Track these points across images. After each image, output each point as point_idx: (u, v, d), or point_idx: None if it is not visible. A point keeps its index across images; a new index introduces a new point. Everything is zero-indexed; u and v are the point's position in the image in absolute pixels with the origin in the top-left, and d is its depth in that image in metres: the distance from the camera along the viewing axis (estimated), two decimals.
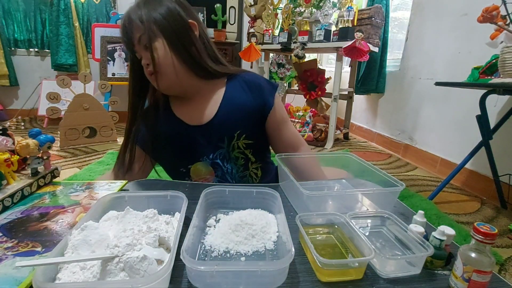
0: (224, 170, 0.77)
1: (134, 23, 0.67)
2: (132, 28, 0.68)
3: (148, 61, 0.68)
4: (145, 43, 0.67)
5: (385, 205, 0.61)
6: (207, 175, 0.76)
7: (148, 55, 0.67)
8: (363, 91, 2.86)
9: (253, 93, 0.76)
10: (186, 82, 0.73)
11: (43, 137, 0.66)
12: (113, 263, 0.37)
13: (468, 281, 0.39)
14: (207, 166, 0.76)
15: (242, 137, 0.75)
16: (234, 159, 0.77)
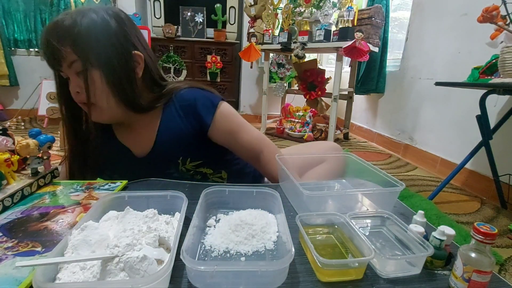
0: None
1: (65, 43, 0.58)
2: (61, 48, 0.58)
3: (79, 89, 0.61)
4: (78, 71, 0.60)
5: (385, 205, 0.61)
6: None
7: (79, 82, 0.60)
8: (363, 91, 2.86)
9: (187, 117, 0.72)
10: (121, 115, 0.68)
11: (43, 137, 0.66)
12: (113, 263, 0.37)
13: (468, 281, 0.39)
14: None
15: (187, 161, 0.73)
16: (189, 178, 0.74)
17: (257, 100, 3.69)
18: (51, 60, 0.60)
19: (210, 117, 0.71)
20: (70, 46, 0.58)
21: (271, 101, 3.59)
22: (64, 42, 0.58)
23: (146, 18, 3.48)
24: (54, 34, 0.58)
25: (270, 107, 3.59)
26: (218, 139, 0.75)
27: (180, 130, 0.71)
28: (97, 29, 0.59)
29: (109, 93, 0.63)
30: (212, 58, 3.29)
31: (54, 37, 0.57)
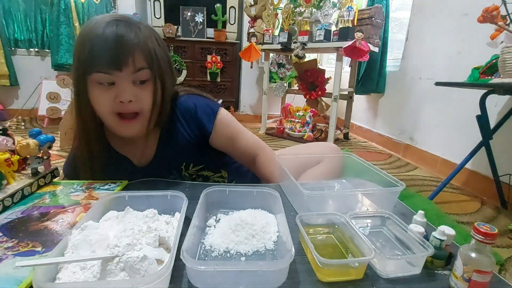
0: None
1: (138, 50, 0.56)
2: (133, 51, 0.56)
3: (133, 97, 0.58)
4: (142, 79, 0.58)
5: (385, 205, 0.61)
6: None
7: (134, 90, 0.58)
8: (363, 91, 2.86)
9: (189, 124, 0.72)
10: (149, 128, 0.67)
11: (43, 137, 0.66)
12: (113, 263, 0.37)
13: (469, 281, 0.39)
14: None
15: (190, 166, 0.73)
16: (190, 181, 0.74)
17: (257, 100, 3.69)
18: (114, 59, 0.55)
19: (211, 125, 0.72)
20: (142, 53, 0.57)
21: (271, 101, 3.58)
22: (137, 48, 0.56)
23: (146, 18, 3.48)
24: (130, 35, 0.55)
25: (270, 107, 3.59)
26: (218, 144, 0.75)
27: (182, 137, 0.71)
28: (163, 44, 0.62)
29: (157, 106, 0.62)
30: (212, 58, 3.29)
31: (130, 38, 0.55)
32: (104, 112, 0.60)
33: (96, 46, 0.54)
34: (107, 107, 0.59)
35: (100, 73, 0.56)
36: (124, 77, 0.57)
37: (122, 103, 0.58)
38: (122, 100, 0.57)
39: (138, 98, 0.59)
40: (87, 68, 0.56)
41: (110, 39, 0.54)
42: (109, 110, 0.59)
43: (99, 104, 0.59)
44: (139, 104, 0.60)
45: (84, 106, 0.60)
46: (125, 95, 0.57)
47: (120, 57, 0.55)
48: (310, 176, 0.83)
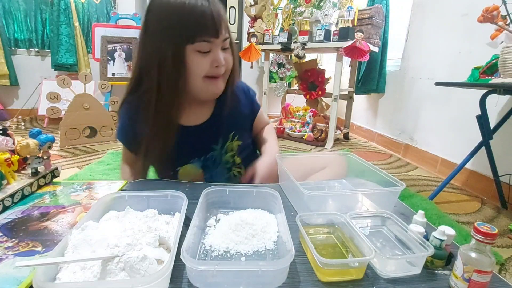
0: (213, 173, 0.76)
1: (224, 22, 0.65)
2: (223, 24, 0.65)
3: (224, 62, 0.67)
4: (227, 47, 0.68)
5: (386, 205, 0.61)
6: (197, 177, 0.75)
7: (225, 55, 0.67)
8: (363, 91, 2.86)
9: (242, 98, 0.81)
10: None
11: (43, 137, 0.66)
12: (113, 263, 0.37)
13: (469, 281, 0.39)
14: (197, 168, 0.75)
15: (235, 138, 0.77)
16: (224, 162, 0.77)
17: (258, 100, 3.69)
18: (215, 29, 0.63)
19: (257, 103, 0.86)
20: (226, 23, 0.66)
21: (271, 101, 3.58)
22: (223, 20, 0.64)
23: None
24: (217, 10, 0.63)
25: (270, 107, 3.58)
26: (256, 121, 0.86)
27: (236, 105, 0.78)
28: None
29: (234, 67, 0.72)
30: None
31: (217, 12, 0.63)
32: (198, 76, 0.66)
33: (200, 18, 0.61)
34: (204, 71, 0.65)
35: (204, 42, 0.63)
36: (218, 45, 0.65)
37: (217, 67, 0.66)
38: (218, 65, 0.65)
39: (226, 61, 0.68)
40: (192, 38, 0.62)
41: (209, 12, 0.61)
42: (204, 74, 0.66)
43: (197, 69, 0.65)
44: (227, 66, 0.69)
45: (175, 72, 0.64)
46: (220, 59, 0.65)
47: (218, 27, 0.63)
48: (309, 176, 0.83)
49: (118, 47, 2.91)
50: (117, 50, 2.91)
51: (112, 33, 2.89)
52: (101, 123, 2.36)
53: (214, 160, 0.75)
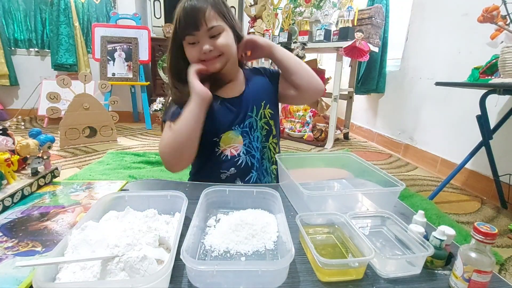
0: (251, 138, 0.85)
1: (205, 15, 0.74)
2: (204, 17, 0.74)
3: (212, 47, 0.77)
4: (217, 33, 0.77)
5: (385, 205, 0.61)
6: (236, 143, 0.84)
7: (214, 42, 0.77)
8: (363, 91, 2.86)
9: (263, 74, 0.95)
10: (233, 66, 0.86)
11: (43, 137, 0.66)
12: (113, 263, 0.37)
13: (468, 281, 0.39)
14: (237, 134, 0.84)
15: (267, 106, 0.88)
16: (260, 128, 0.87)
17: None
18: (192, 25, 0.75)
19: (275, 69, 0.95)
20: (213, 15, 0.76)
21: None
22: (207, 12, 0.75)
23: (146, 18, 3.48)
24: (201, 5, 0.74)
25: None
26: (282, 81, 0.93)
27: (260, 79, 0.92)
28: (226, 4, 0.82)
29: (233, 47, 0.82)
30: None
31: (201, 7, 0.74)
32: (194, 61, 0.79)
33: (182, 17, 0.75)
34: (195, 58, 0.78)
35: (189, 36, 0.76)
36: (203, 35, 0.76)
37: (206, 53, 0.77)
38: (204, 51, 0.76)
39: (216, 46, 0.77)
40: (182, 34, 0.77)
41: (189, 9, 0.74)
42: (196, 60, 0.79)
43: (191, 57, 0.79)
44: (218, 49, 0.78)
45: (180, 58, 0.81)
46: (205, 47, 0.76)
47: (196, 21, 0.74)
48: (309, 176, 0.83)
49: (118, 47, 2.90)
50: (117, 50, 2.90)
51: (112, 33, 2.89)
52: (101, 123, 2.36)
53: (251, 126, 0.86)
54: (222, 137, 0.82)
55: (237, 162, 0.83)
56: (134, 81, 2.92)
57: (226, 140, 0.82)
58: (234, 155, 0.83)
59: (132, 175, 1.56)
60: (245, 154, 0.84)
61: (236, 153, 0.83)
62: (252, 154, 0.85)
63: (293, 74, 0.88)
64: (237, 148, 0.83)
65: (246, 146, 0.84)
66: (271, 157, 0.90)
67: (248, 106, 0.85)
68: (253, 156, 0.85)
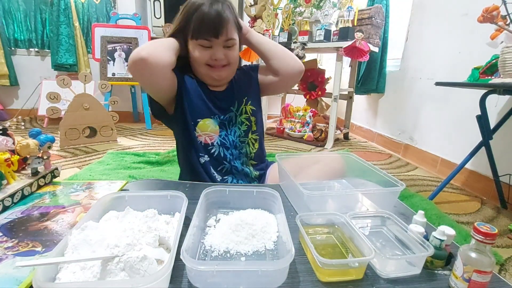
0: (228, 131, 0.88)
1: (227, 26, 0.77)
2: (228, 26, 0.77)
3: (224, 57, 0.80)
4: (231, 45, 0.80)
5: (385, 205, 0.61)
6: (212, 132, 0.86)
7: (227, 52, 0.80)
8: (363, 91, 2.86)
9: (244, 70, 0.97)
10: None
11: (43, 137, 0.66)
12: (113, 263, 0.37)
13: (468, 281, 0.39)
14: (215, 124, 0.86)
15: (248, 102, 0.91)
16: (239, 123, 0.90)
17: None
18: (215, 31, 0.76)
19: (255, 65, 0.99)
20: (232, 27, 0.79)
21: (271, 101, 3.58)
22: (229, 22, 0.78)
23: (146, 18, 3.48)
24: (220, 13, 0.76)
25: (270, 107, 3.58)
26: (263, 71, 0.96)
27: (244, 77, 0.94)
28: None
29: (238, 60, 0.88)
30: None
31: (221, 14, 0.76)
32: (199, 64, 0.82)
33: (204, 21, 0.75)
34: (204, 61, 0.80)
35: (204, 40, 0.78)
36: (220, 43, 0.78)
37: (215, 60, 0.80)
38: (216, 59, 0.79)
39: (227, 56, 0.81)
40: (196, 35, 0.77)
41: (213, 16, 0.75)
42: (204, 63, 0.81)
43: (198, 58, 0.80)
44: (228, 60, 0.81)
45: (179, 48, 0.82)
46: (218, 55, 0.79)
47: (219, 30, 0.76)
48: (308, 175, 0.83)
49: (118, 47, 2.90)
50: (117, 50, 2.90)
51: (112, 33, 2.88)
52: (101, 123, 2.36)
53: (230, 120, 0.88)
54: (200, 122, 0.85)
55: (210, 150, 0.86)
56: (134, 81, 2.91)
57: (203, 127, 0.85)
58: (208, 143, 0.85)
59: (132, 175, 1.56)
60: (219, 145, 0.86)
61: (210, 142, 0.86)
62: (226, 146, 0.87)
63: (271, 58, 0.90)
64: (212, 137, 0.86)
65: (221, 138, 0.87)
66: (249, 152, 0.92)
67: (230, 101, 0.89)
68: (227, 148, 0.87)
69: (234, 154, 0.88)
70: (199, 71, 0.85)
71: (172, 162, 1.82)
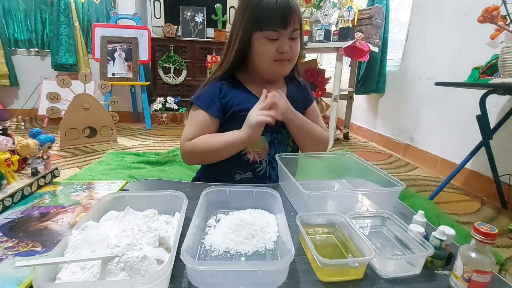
0: (277, 150, 0.84)
1: (295, 16, 0.73)
2: (295, 16, 0.74)
3: (290, 49, 0.76)
4: (295, 37, 0.77)
5: (385, 205, 0.61)
6: (261, 149, 0.82)
7: (291, 44, 0.76)
8: (363, 91, 2.86)
9: (301, 90, 0.93)
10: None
11: (43, 137, 0.66)
12: (113, 263, 0.37)
13: (468, 281, 0.39)
14: (265, 141, 0.82)
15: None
16: (286, 145, 0.87)
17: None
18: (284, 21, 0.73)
19: (313, 97, 0.97)
20: (299, 15, 0.76)
21: None
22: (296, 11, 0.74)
23: (146, 18, 3.48)
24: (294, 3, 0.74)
25: None
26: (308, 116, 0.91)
27: (299, 98, 0.90)
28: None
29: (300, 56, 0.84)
30: (213, 58, 3.29)
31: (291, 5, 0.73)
32: (268, 59, 0.77)
33: (274, 10, 0.72)
34: (270, 55, 0.76)
35: (271, 31, 0.74)
36: (286, 34, 0.75)
37: (282, 53, 0.76)
38: (283, 51, 0.75)
39: (292, 49, 0.77)
40: (260, 27, 0.74)
41: (281, 6, 0.72)
42: (271, 58, 0.77)
43: (265, 53, 0.76)
44: (292, 54, 0.78)
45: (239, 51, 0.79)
46: (285, 47, 0.75)
47: (288, 20, 0.73)
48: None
49: (118, 47, 2.90)
50: (117, 50, 2.90)
51: (112, 33, 2.89)
52: (101, 123, 2.36)
53: (279, 140, 0.85)
54: None
55: (257, 168, 0.82)
56: (134, 81, 2.92)
57: (254, 144, 0.80)
58: (256, 160, 0.81)
59: (132, 175, 1.56)
60: (267, 163, 0.83)
61: (259, 159, 0.81)
62: (273, 165, 0.83)
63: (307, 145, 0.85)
64: (261, 155, 0.82)
65: (270, 157, 0.83)
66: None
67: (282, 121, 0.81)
68: (274, 168, 0.83)
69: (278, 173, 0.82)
70: (261, 67, 0.80)
71: (172, 162, 1.82)
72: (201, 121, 0.80)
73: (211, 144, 0.77)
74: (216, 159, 0.80)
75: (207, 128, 0.80)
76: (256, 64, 0.80)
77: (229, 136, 0.77)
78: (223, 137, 0.77)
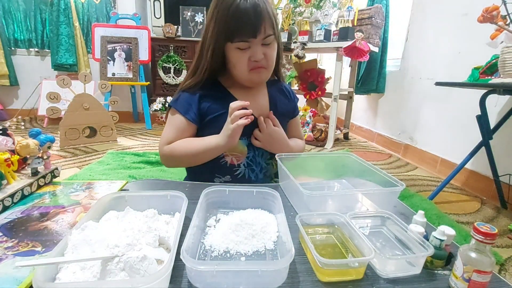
0: (256, 153, 0.83)
1: (267, 18, 0.71)
2: (265, 22, 0.71)
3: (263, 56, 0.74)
4: (269, 43, 0.75)
5: (385, 205, 0.61)
6: (240, 153, 0.82)
7: (265, 50, 0.74)
8: (363, 91, 2.86)
9: (287, 98, 0.92)
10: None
11: (43, 137, 0.66)
12: (113, 263, 0.37)
13: (468, 281, 0.39)
14: (243, 145, 0.82)
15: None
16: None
17: None
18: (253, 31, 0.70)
19: (297, 108, 0.96)
20: (270, 19, 0.72)
21: None
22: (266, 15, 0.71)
23: (146, 18, 3.48)
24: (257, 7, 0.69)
25: None
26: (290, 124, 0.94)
27: (283, 106, 0.89)
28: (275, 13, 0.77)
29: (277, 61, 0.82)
30: None
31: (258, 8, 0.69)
32: (241, 69, 0.76)
33: (239, 20, 0.69)
34: (244, 65, 0.75)
35: (242, 42, 0.72)
36: (257, 42, 0.73)
37: (256, 62, 0.74)
38: (256, 60, 0.74)
39: (267, 55, 0.75)
40: (232, 38, 0.72)
41: (248, 15, 0.69)
42: (246, 68, 0.75)
43: (239, 63, 0.75)
44: (267, 60, 0.76)
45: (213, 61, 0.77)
46: (258, 56, 0.73)
47: (257, 28, 0.70)
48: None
49: (118, 47, 2.90)
50: (117, 50, 2.90)
51: (112, 33, 2.88)
52: (101, 123, 2.36)
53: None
54: None
55: (235, 171, 0.81)
56: (134, 81, 2.92)
57: (232, 147, 0.79)
58: (234, 164, 0.81)
59: (132, 175, 1.56)
60: (246, 166, 0.82)
61: (237, 163, 0.81)
62: (252, 168, 0.83)
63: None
64: (239, 158, 0.81)
65: (249, 160, 0.82)
66: (271, 172, 0.88)
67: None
68: (253, 170, 0.83)
69: (259, 176, 0.83)
70: (238, 76, 0.79)
71: None
72: (179, 125, 0.80)
73: (189, 149, 0.77)
74: (194, 164, 0.80)
75: (185, 132, 0.80)
76: (233, 73, 0.80)
77: (208, 141, 0.76)
78: (202, 142, 0.77)
